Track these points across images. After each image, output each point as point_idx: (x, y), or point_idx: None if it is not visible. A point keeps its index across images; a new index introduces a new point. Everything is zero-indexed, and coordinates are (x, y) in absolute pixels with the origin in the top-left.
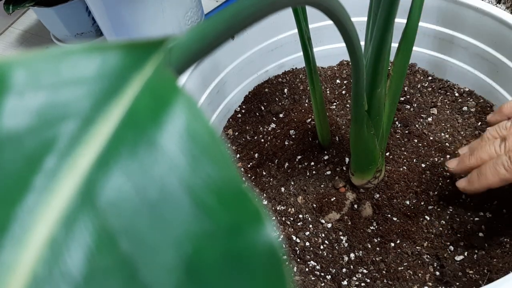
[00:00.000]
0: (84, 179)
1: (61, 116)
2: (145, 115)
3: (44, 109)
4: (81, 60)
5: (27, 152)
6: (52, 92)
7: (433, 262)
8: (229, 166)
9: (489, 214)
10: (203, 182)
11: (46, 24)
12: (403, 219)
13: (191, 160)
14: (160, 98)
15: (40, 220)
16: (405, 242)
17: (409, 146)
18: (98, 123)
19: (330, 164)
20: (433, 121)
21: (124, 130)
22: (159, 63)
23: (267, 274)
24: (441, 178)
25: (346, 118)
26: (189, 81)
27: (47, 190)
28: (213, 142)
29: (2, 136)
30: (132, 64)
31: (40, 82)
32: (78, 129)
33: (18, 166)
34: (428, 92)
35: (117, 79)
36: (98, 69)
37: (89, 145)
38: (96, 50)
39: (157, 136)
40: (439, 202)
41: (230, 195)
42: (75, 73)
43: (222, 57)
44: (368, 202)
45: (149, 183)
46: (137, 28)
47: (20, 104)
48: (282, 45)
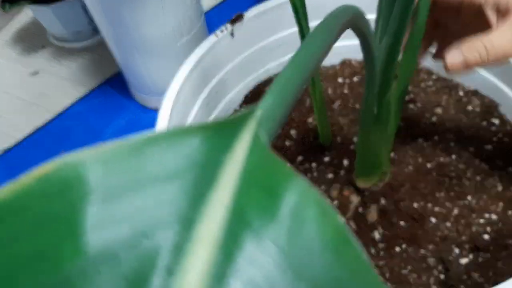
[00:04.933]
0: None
1: (156, 222)
2: (254, 211)
3: (134, 215)
4: (164, 150)
5: (127, 272)
6: (139, 193)
7: (437, 266)
8: (364, 271)
9: (494, 216)
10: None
11: (43, 23)
12: (409, 222)
13: (320, 267)
14: (267, 186)
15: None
16: (410, 246)
17: (414, 146)
18: (200, 225)
19: (332, 166)
20: (437, 120)
21: (233, 233)
22: (252, 141)
23: None
24: (447, 178)
25: (347, 118)
26: (188, 81)
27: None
28: (343, 243)
29: (95, 255)
30: (221, 147)
31: (123, 183)
32: (179, 235)
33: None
34: (432, 91)
35: (209, 167)
36: (186, 159)
37: (196, 255)
38: (179, 137)
39: (275, 237)
40: (445, 204)
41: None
42: (161, 167)
43: (222, 56)
44: (373, 206)
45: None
46: (135, 27)
47: (105, 213)
48: (283, 44)
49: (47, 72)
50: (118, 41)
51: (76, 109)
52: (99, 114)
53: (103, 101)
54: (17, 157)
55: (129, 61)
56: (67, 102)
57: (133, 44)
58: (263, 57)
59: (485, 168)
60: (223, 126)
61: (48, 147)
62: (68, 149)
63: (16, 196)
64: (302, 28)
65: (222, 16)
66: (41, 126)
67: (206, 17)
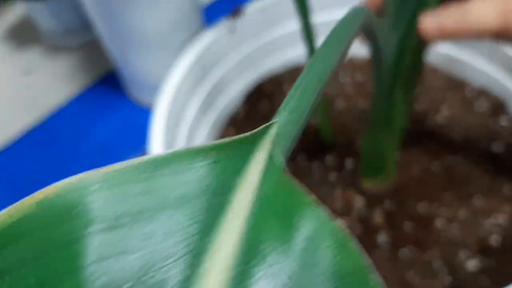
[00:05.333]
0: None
1: (165, 254)
2: (268, 241)
3: (142, 246)
4: (173, 174)
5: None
6: (147, 221)
7: (443, 269)
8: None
9: (502, 218)
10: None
11: (36, 20)
12: (414, 224)
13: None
14: (282, 214)
15: None
16: (415, 249)
17: (419, 146)
18: (211, 257)
19: (335, 166)
20: (443, 120)
21: (246, 265)
22: (266, 163)
23: None
24: (453, 179)
25: (350, 117)
26: (187, 79)
27: None
28: (362, 277)
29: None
30: (233, 169)
31: (130, 210)
32: (189, 269)
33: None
34: (438, 90)
35: (221, 192)
36: (197, 184)
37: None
38: (189, 158)
39: (289, 270)
40: (451, 205)
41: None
42: (170, 193)
43: (223, 54)
44: (378, 208)
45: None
46: (131, 21)
47: (109, 243)
48: (285, 42)
49: (39, 70)
50: (113, 37)
51: (70, 107)
52: (93, 112)
53: (97, 99)
54: (9, 156)
55: (125, 57)
56: (60, 100)
57: (130, 39)
58: (263, 54)
59: (492, 169)
60: (236, 146)
61: (41, 146)
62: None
63: (14, 223)
64: (304, 25)
65: (222, 12)
66: (34, 125)
67: (205, 13)
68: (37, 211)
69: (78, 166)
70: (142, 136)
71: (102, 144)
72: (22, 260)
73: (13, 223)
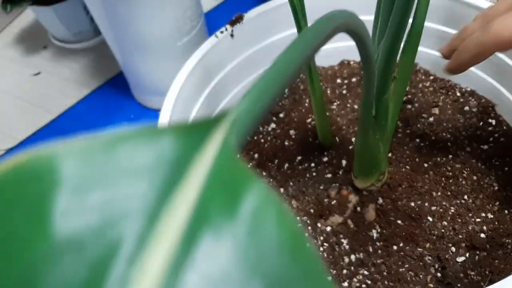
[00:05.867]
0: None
1: (123, 213)
2: (216, 209)
3: (103, 206)
4: (136, 147)
5: (90, 259)
6: (109, 186)
7: (434, 264)
8: (317, 273)
9: (491, 215)
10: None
11: (44, 24)
12: (406, 221)
13: (275, 266)
14: (230, 187)
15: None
16: (407, 244)
17: (411, 146)
18: (164, 220)
19: (331, 166)
20: (434, 121)
21: (194, 228)
22: (221, 143)
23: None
24: (444, 178)
25: (347, 118)
26: (189, 82)
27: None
28: (298, 244)
29: (61, 241)
30: (191, 146)
31: (94, 176)
32: (143, 228)
33: (82, 277)
34: (429, 92)
35: (179, 165)
36: (157, 156)
37: (157, 247)
38: (151, 135)
39: (234, 235)
40: (442, 202)
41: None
42: (133, 162)
43: (222, 57)
44: (371, 205)
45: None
46: (135, 27)
47: (74, 203)
48: (282, 45)
49: (48, 73)
50: (118, 41)
51: (77, 110)
52: (100, 115)
53: (104, 102)
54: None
55: (129, 61)
56: (69, 103)
57: (133, 44)
58: (263, 58)
59: (481, 168)
60: (196, 127)
61: None
62: None
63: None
64: (301, 28)
65: (222, 17)
66: (42, 127)
67: (206, 18)
68: (9, 173)
69: None
70: None
71: None
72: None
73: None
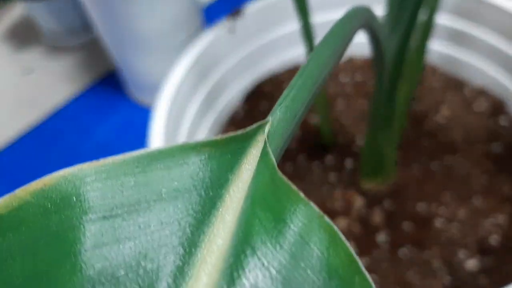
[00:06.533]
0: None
1: (158, 244)
2: (259, 235)
3: (136, 236)
4: (168, 168)
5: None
6: (142, 212)
7: (442, 268)
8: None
9: (502, 218)
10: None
11: (36, 19)
12: (414, 224)
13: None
14: (273, 209)
15: None
16: (415, 248)
17: (419, 145)
18: (203, 249)
19: (335, 166)
20: (443, 120)
21: (237, 258)
22: (259, 159)
23: None
24: (453, 179)
25: (350, 117)
26: (187, 79)
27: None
28: (352, 272)
29: (93, 275)
30: (227, 165)
31: (125, 201)
32: (181, 259)
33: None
34: (437, 89)
35: (215, 187)
36: (191, 178)
37: (197, 281)
38: (183, 154)
39: (279, 264)
40: (450, 205)
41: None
42: (165, 185)
43: (222, 54)
44: (377, 207)
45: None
46: (131, 23)
47: (105, 232)
48: (284, 42)
49: (40, 70)
50: (113, 37)
51: (70, 107)
52: (93, 112)
53: (97, 99)
54: (10, 156)
55: (124, 57)
56: (61, 100)
57: (128, 40)
58: (263, 54)
59: (491, 169)
60: (229, 143)
61: (41, 146)
62: (63, 148)
63: (11, 211)
64: (304, 24)
65: (221, 12)
66: (34, 125)
67: (205, 13)
68: (34, 200)
69: None
70: (142, 136)
71: (102, 144)
72: (18, 249)
73: (11, 212)
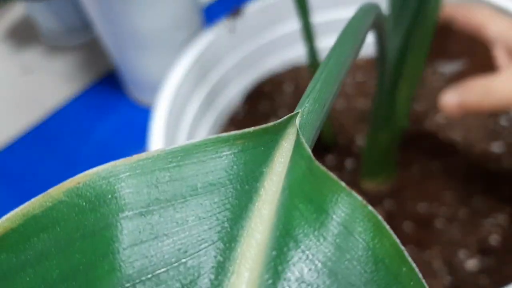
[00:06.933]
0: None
1: (197, 240)
2: (300, 227)
3: (174, 232)
4: (202, 162)
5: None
6: (178, 207)
7: (443, 268)
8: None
9: (501, 219)
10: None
11: (36, 19)
12: (414, 225)
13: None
14: (313, 200)
15: None
16: (415, 248)
17: (419, 146)
18: (243, 243)
19: (335, 166)
20: (443, 120)
21: (279, 251)
22: (293, 150)
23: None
24: (453, 179)
25: (350, 117)
26: (187, 79)
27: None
28: (399, 261)
29: (133, 273)
30: (261, 157)
31: (160, 196)
32: (221, 254)
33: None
34: (438, 90)
35: (249, 179)
36: (225, 172)
37: (240, 276)
38: (216, 147)
39: (324, 256)
40: (451, 205)
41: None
42: (200, 179)
43: (222, 54)
44: (377, 208)
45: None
46: (129, 22)
47: (142, 229)
48: (284, 42)
49: (40, 70)
50: (113, 37)
51: (70, 107)
52: (93, 112)
53: (97, 99)
54: (9, 156)
55: (124, 57)
56: (61, 100)
57: (128, 40)
58: (263, 54)
59: (492, 169)
60: (261, 135)
61: (41, 146)
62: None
63: (46, 210)
64: (304, 23)
65: (221, 12)
66: (34, 125)
67: (205, 13)
68: (68, 199)
69: (78, 166)
70: (142, 136)
71: (102, 144)
72: (53, 248)
73: (45, 211)
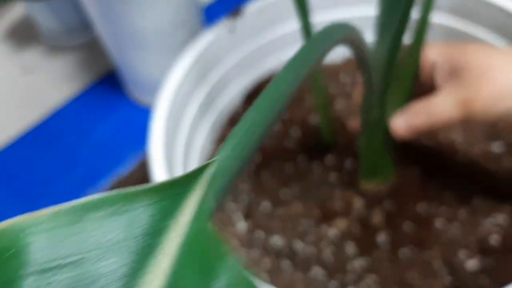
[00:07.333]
0: None
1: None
2: (190, 286)
3: (73, 286)
4: (106, 216)
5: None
6: (79, 263)
7: (443, 269)
8: None
9: (501, 218)
10: None
11: (36, 19)
12: (414, 225)
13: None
14: (203, 261)
15: None
16: (415, 248)
17: (418, 146)
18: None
19: (335, 166)
20: None
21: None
22: (197, 206)
23: None
24: (452, 179)
25: (350, 117)
26: (187, 79)
27: None
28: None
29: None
30: (167, 211)
31: (63, 253)
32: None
33: None
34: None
35: (153, 234)
36: (129, 226)
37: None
38: (122, 202)
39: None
40: (451, 205)
41: None
42: (102, 235)
43: (222, 54)
44: (377, 208)
45: None
46: (130, 22)
47: (41, 285)
48: (284, 42)
49: (40, 70)
50: (113, 37)
51: (70, 107)
52: (93, 112)
53: (97, 99)
54: (9, 156)
55: (124, 57)
56: (61, 100)
57: (128, 40)
58: (263, 54)
59: (492, 169)
60: (171, 187)
61: (41, 146)
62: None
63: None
64: (304, 23)
65: (221, 12)
66: (34, 124)
67: (205, 13)
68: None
69: (78, 166)
70: (142, 136)
71: (102, 144)
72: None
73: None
